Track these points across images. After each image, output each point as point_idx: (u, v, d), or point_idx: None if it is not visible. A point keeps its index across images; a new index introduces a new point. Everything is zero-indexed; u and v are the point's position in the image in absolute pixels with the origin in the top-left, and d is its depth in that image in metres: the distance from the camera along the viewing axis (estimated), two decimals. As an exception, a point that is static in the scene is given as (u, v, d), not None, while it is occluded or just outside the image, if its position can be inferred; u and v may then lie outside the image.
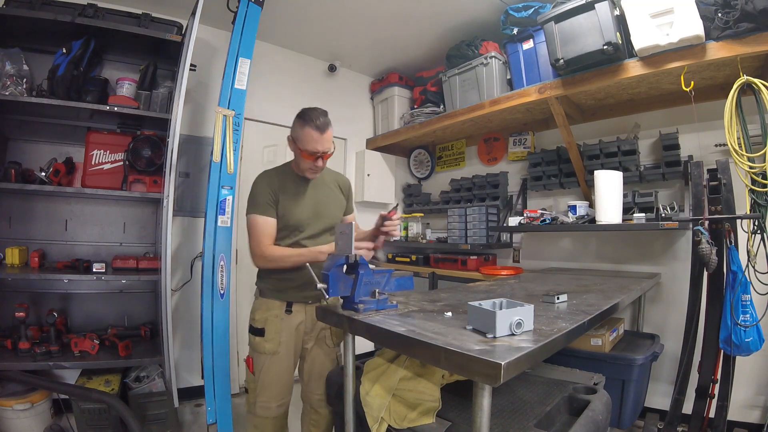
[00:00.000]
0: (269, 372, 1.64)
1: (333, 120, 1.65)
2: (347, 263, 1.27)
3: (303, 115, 1.61)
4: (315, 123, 1.57)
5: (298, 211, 1.67)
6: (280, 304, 1.67)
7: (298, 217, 1.66)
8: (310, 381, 1.76)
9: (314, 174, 1.69)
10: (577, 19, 2.20)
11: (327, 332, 1.77)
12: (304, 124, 1.58)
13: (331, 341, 1.78)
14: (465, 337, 0.96)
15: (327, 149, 1.62)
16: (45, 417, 2.23)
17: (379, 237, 1.66)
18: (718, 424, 1.91)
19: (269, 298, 1.68)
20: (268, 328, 1.64)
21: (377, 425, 1.22)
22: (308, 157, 1.60)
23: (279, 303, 1.67)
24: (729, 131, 1.88)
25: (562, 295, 1.44)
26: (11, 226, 2.44)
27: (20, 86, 2.17)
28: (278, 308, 1.66)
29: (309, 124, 1.57)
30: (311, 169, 1.66)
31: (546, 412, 1.19)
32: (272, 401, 1.64)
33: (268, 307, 1.66)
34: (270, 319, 1.65)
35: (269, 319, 1.65)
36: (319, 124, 1.57)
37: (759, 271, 1.85)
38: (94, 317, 2.56)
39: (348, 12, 2.94)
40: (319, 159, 1.62)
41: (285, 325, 1.66)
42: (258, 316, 1.67)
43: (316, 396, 1.75)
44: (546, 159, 3.00)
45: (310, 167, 1.65)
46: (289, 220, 1.66)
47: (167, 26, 2.45)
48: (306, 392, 1.79)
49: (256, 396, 1.64)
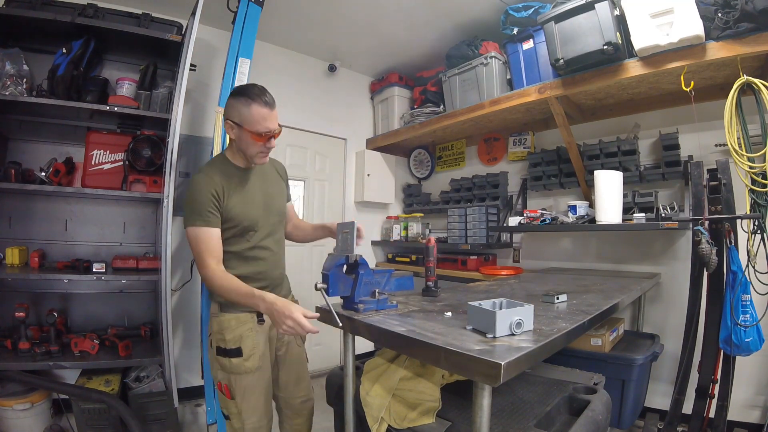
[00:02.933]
0: (254, 392, 1.47)
1: (333, 120, 1.65)
2: (347, 263, 1.27)
3: (244, 92, 1.42)
4: (262, 99, 1.40)
5: (250, 208, 1.49)
6: (250, 315, 1.49)
7: (251, 216, 1.49)
8: (289, 386, 1.65)
9: (264, 158, 1.51)
10: (577, 19, 2.20)
11: None
12: (250, 102, 1.39)
13: (300, 339, 1.70)
14: (465, 337, 0.96)
15: (277, 127, 1.46)
16: (45, 417, 2.23)
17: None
18: (718, 424, 1.91)
19: (237, 312, 1.47)
20: (244, 345, 1.45)
21: (377, 425, 1.22)
22: (259, 139, 1.42)
23: (249, 314, 1.48)
24: (729, 131, 1.88)
25: (561, 295, 1.44)
26: (11, 226, 2.44)
27: (20, 86, 2.17)
28: (250, 320, 1.48)
29: (256, 101, 1.39)
30: (262, 153, 1.48)
31: (546, 412, 1.19)
32: (262, 420, 1.50)
33: (238, 322, 1.47)
34: (245, 335, 1.46)
35: (244, 335, 1.46)
36: (267, 99, 1.41)
37: (759, 271, 1.85)
38: (94, 317, 2.56)
39: (348, 12, 2.94)
40: (271, 139, 1.45)
41: (260, 337, 1.50)
42: (229, 335, 1.45)
43: (298, 399, 1.66)
44: (546, 159, 3.00)
45: (260, 150, 1.46)
46: (243, 221, 1.47)
47: (167, 26, 2.45)
48: (285, 399, 1.66)
49: (242, 421, 1.46)
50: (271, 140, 1.46)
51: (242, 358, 1.44)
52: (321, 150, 3.76)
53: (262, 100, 1.39)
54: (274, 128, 1.44)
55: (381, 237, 4.14)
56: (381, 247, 4.14)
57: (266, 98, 1.41)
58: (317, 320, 1.26)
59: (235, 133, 1.46)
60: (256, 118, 1.39)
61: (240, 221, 1.47)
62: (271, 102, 1.43)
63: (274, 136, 1.46)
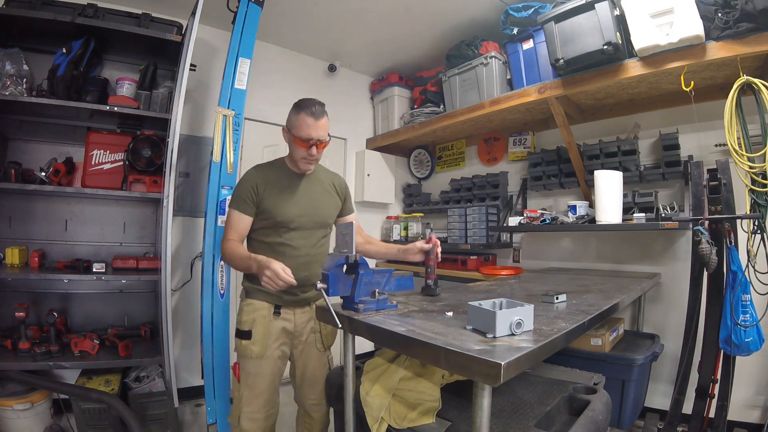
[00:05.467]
0: (256, 378, 1.56)
1: (333, 120, 1.65)
2: (347, 263, 1.27)
3: (299, 103, 1.58)
4: (310, 109, 1.53)
5: (287, 207, 1.60)
6: (269, 306, 1.60)
7: (286, 214, 1.59)
8: (303, 385, 1.71)
9: (308, 164, 1.62)
10: (577, 19, 2.20)
11: (317, 336, 1.70)
12: (299, 110, 1.55)
13: (321, 345, 1.72)
14: (465, 337, 0.96)
15: (321, 137, 1.56)
16: (45, 417, 2.23)
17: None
18: (718, 424, 1.91)
19: (256, 299, 1.60)
20: (255, 330, 1.56)
21: (377, 425, 1.22)
22: (302, 145, 1.55)
23: (267, 305, 1.60)
24: (729, 131, 1.88)
25: (561, 295, 1.44)
26: (11, 226, 2.44)
27: (20, 86, 2.17)
28: (266, 309, 1.59)
29: (304, 110, 1.53)
30: (305, 159, 1.59)
31: (546, 412, 1.19)
32: (259, 412, 1.56)
33: (254, 308, 1.59)
34: (258, 320, 1.57)
35: (257, 320, 1.57)
36: (314, 110, 1.53)
37: (759, 271, 1.85)
38: (94, 317, 2.56)
39: (348, 12, 2.94)
40: (313, 147, 1.55)
41: (273, 328, 1.60)
42: (245, 317, 1.59)
43: (309, 401, 1.71)
44: (546, 159, 3.00)
45: (303, 156, 1.58)
46: (277, 216, 1.58)
47: (167, 26, 2.45)
48: (299, 396, 1.74)
49: (241, 407, 1.56)
50: (314, 148, 1.56)
51: (250, 341, 1.54)
52: (321, 150, 3.76)
53: (309, 110, 1.53)
54: (317, 137, 1.54)
55: (381, 237, 4.14)
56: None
57: (314, 109, 1.53)
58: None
59: (287, 138, 1.62)
60: (301, 124, 1.53)
61: (275, 216, 1.58)
62: (317, 113, 1.53)
63: (318, 145, 1.56)
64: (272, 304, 1.61)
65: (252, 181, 1.60)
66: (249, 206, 1.58)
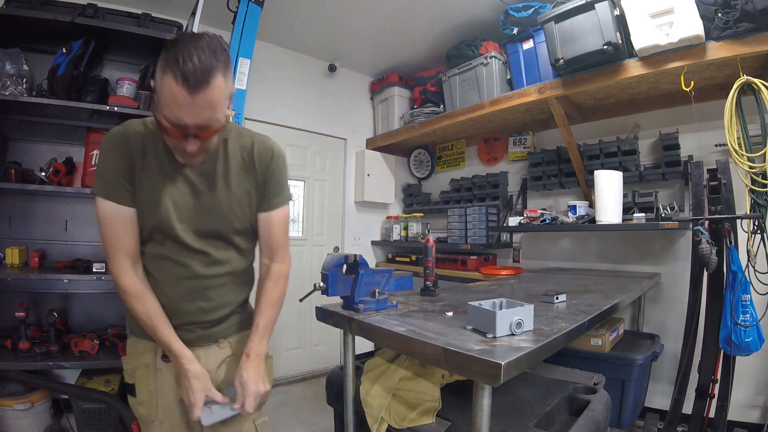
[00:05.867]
0: None
1: (333, 120, 1.53)
2: (347, 263, 1.27)
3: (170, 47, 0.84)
4: (182, 67, 0.80)
5: (161, 207, 0.99)
6: (152, 346, 1.07)
7: (158, 217, 1.00)
8: None
9: (186, 159, 0.98)
10: (577, 19, 2.20)
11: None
12: (165, 67, 0.82)
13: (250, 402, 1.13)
14: (465, 337, 0.96)
15: (204, 121, 0.88)
16: (45, 417, 2.22)
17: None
18: (718, 424, 1.91)
19: (139, 338, 1.09)
20: (138, 385, 1.07)
21: (377, 425, 1.22)
22: (170, 131, 0.89)
23: (151, 345, 1.07)
24: (729, 131, 1.88)
25: (561, 295, 1.44)
26: (11, 226, 2.43)
27: (20, 86, 2.17)
28: (150, 354, 1.07)
29: (173, 69, 0.81)
30: (180, 152, 0.96)
31: (546, 412, 1.19)
32: None
33: (135, 351, 1.09)
34: (139, 371, 1.07)
35: (138, 370, 1.08)
36: (189, 69, 0.81)
37: (759, 271, 1.85)
38: (94, 317, 2.56)
39: (348, 12, 2.94)
40: (189, 139, 0.90)
41: (163, 381, 1.07)
42: (126, 365, 1.10)
43: None
44: (546, 159, 3.00)
45: (175, 148, 0.96)
46: (146, 218, 1.00)
47: (167, 26, 2.44)
48: None
49: None
50: (190, 141, 0.90)
51: (135, 400, 1.08)
52: (321, 150, 3.76)
53: (181, 71, 0.81)
54: (193, 122, 0.87)
55: (381, 237, 4.14)
56: (381, 247, 4.14)
57: (189, 67, 0.81)
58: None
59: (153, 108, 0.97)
60: (166, 96, 0.84)
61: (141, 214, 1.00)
62: (197, 78, 0.81)
63: (199, 135, 0.90)
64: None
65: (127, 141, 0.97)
66: (125, 188, 0.97)
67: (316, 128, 3.66)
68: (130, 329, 1.14)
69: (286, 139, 3.47)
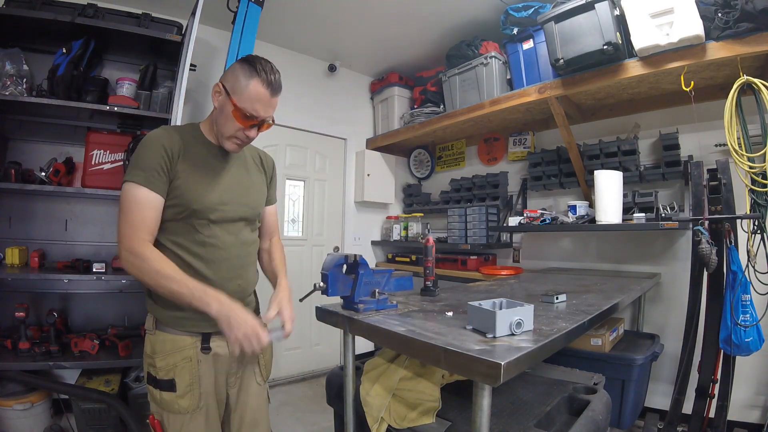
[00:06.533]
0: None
1: (333, 120, 1.62)
2: (347, 263, 1.27)
3: (252, 62, 1.14)
4: (268, 77, 1.13)
5: (209, 192, 1.19)
6: (192, 340, 1.17)
7: (206, 201, 1.17)
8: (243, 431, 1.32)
9: (236, 146, 1.22)
10: (577, 19, 2.20)
11: (256, 368, 1.34)
12: (253, 74, 1.12)
13: (261, 377, 1.35)
14: (465, 337, 0.96)
15: (269, 116, 1.20)
16: (45, 417, 2.23)
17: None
18: (718, 424, 1.91)
19: (174, 333, 1.17)
20: (179, 379, 1.14)
21: (377, 425, 1.22)
22: (242, 121, 1.15)
23: (190, 339, 1.17)
24: (729, 131, 1.88)
25: (561, 295, 1.44)
26: (11, 226, 2.43)
27: (20, 86, 2.17)
28: (190, 347, 1.17)
29: (260, 75, 1.12)
30: (236, 139, 1.19)
31: (546, 412, 1.19)
32: None
33: (174, 348, 1.16)
34: (180, 366, 1.15)
35: (179, 365, 1.15)
36: (272, 80, 1.14)
37: (759, 271, 1.85)
38: (94, 317, 2.56)
39: (348, 12, 2.94)
40: (254, 128, 1.19)
41: (204, 370, 1.18)
42: (160, 361, 1.15)
43: None
44: (546, 159, 3.00)
45: (235, 135, 1.18)
46: (192, 203, 1.15)
47: (167, 26, 2.45)
48: None
49: None
50: (254, 129, 1.19)
51: (175, 394, 1.14)
52: (321, 150, 3.76)
53: (266, 79, 1.13)
54: (264, 117, 1.17)
55: (381, 237, 4.14)
56: (381, 247, 4.15)
57: (272, 78, 1.14)
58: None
59: (219, 102, 1.18)
60: (250, 94, 1.13)
61: (190, 202, 1.15)
62: (275, 86, 1.16)
63: (260, 126, 1.20)
64: (197, 336, 1.18)
65: (166, 143, 1.14)
66: (161, 181, 1.11)
67: (316, 128, 3.66)
68: (155, 323, 1.20)
69: (286, 138, 3.48)
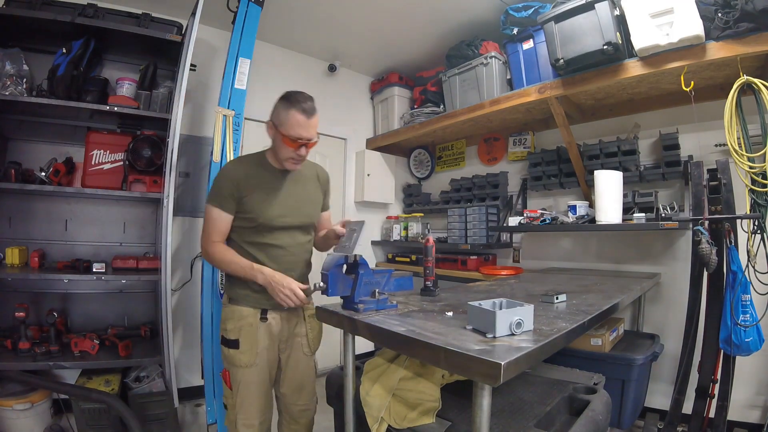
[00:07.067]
0: (249, 386, 1.52)
1: (333, 120, 1.65)
2: (347, 263, 1.27)
3: (288, 97, 1.47)
4: (302, 106, 1.44)
5: (271, 208, 1.54)
6: (254, 311, 1.54)
7: (269, 215, 1.53)
8: (290, 392, 1.66)
9: (295, 164, 1.55)
10: (577, 19, 2.20)
11: (303, 340, 1.66)
12: (289, 107, 1.45)
13: (308, 349, 1.67)
14: (465, 337, 0.96)
15: (312, 136, 1.49)
16: (45, 417, 2.23)
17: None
18: (718, 424, 1.91)
19: (241, 306, 1.55)
20: (242, 339, 1.51)
21: (377, 425, 1.22)
22: (291, 144, 1.47)
23: (252, 310, 1.54)
24: (729, 131, 1.88)
25: (561, 295, 1.44)
26: (11, 226, 2.44)
27: (20, 86, 2.17)
28: (252, 316, 1.54)
29: (295, 106, 1.44)
30: (292, 159, 1.52)
31: (546, 412, 1.19)
32: (254, 418, 1.54)
33: (240, 316, 1.53)
34: (244, 329, 1.52)
35: (243, 328, 1.52)
36: (306, 107, 1.45)
37: (759, 271, 1.85)
38: (94, 317, 2.56)
39: (348, 12, 2.94)
40: (302, 147, 1.49)
41: (261, 334, 1.54)
42: (230, 326, 1.53)
43: (297, 407, 1.67)
44: (546, 159, 3.00)
45: (291, 156, 1.50)
46: (259, 218, 1.52)
47: (167, 26, 2.45)
48: (285, 404, 1.68)
49: (236, 414, 1.53)
50: (302, 148, 1.49)
51: (238, 351, 1.51)
52: (321, 150, 3.74)
53: (301, 107, 1.44)
54: (308, 137, 1.48)
55: (381, 237, 4.14)
56: (381, 247, 4.14)
57: (306, 106, 1.45)
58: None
59: (272, 134, 1.52)
60: (291, 123, 1.44)
61: (257, 217, 1.51)
62: (309, 111, 1.46)
63: (306, 144, 1.50)
64: (258, 309, 1.55)
65: (233, 175, 1.53)
66: (230, 203, 1.51)
67: (316, 128, 3.65)
68: (229, 298, 1.60)
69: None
